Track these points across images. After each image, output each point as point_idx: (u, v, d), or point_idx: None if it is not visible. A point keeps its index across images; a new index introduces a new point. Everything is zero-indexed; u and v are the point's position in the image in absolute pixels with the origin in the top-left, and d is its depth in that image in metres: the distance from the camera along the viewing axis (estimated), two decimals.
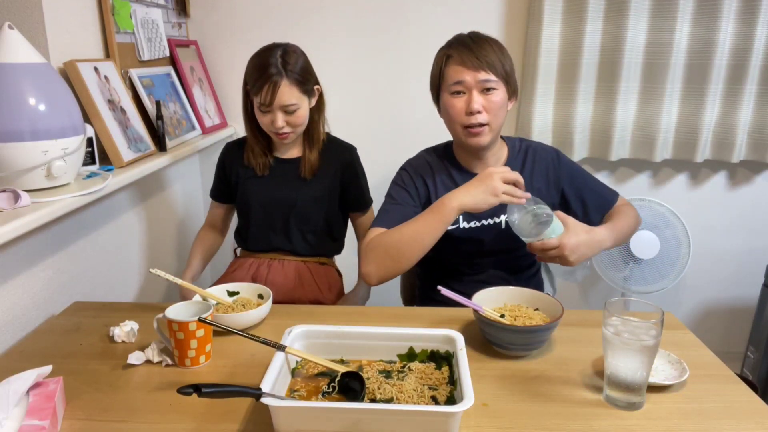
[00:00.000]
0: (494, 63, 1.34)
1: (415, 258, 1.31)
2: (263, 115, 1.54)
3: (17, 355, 1.15)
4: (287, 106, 1.51)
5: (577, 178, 1.51)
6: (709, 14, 2.10)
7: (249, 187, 1.66)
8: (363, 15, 2.24)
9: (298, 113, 1.54)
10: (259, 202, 1.65)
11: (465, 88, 1.35)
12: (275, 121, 1.52)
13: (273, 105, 1.50)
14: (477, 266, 1.49)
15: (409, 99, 2.32)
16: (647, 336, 0.93)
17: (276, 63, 1.49)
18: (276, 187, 1.65)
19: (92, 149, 1.48)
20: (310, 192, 1.64)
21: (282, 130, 1.54)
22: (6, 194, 1.17)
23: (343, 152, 1.69)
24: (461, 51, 1.36)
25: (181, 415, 0.95)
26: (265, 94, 1.49)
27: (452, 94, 1.37)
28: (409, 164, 1.53)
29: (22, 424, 0.85)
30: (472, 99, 1.34)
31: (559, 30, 2.17)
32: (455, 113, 1.37)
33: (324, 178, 1.65)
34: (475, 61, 1.33)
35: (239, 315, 1.22)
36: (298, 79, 1.52)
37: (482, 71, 1.34)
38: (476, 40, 1.38)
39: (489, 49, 1.36)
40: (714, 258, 2.45)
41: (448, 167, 1.49)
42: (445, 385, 0.99)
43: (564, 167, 1.50)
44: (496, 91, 1.35)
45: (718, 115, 2.24)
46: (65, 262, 1.43)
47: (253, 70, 1.52)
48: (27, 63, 1.20)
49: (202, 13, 2.26)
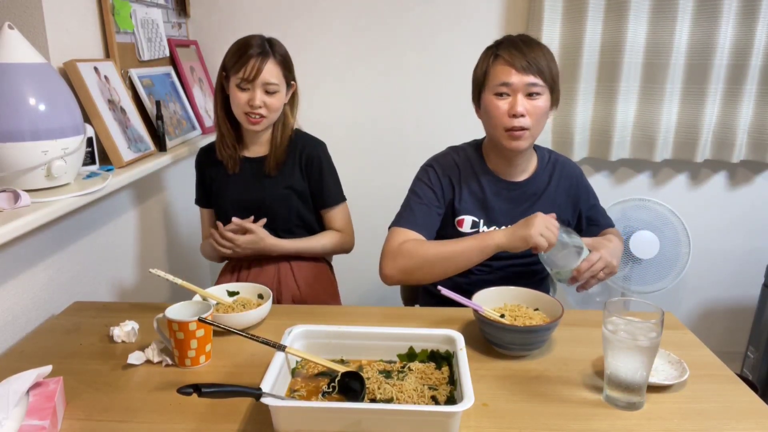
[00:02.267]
0: (543, 68, 1.32)
1: (444, 277, 1.34)
2: (241, 92, 1.52)
3: (17, 355, 1.15)
4: (269, 84, 1.51)
5: (591, 198, 1.54)
6: (709, 14, 2.10)
7: (221, 187, 1.65)
8: (362, 14, 2.24)
9: (276, 96, 1.54)
10: (232, 203, 1.64)
11: (510, 90, 1.32)
12: (253, 99, 1.50)
13: (256, 80, 1.49)
14: (486, 270, 1.45)
15: (410, 99, 2.32)
16: (647, 336, 0.93)
17: (262, 43, 1.52)
18: (245, 186, 1.64)
19: (92, 149, 1.48)
20: (275, 189, 1.62)
21: (258, 110, 1.52)
22: (6, 194, 1.17)
23: (309, 146, 1.65)
24: (511, 51, 1.33)
25: (181, 415, 0.95)
26: (251, 69, 1.49)
27: (496, 95, 1.34)
28: (437, 161, 1.49)
29: (22, 424, 0.85)
30: (517, 101, 1.31)
31: (559, 30, 2.17)
32: (498, 114, 1.34)
33: (289, 174, 1.63)
34: (524, 63, 1.30)
35: (239, 315, 1.21)
36: (282, 62, 1.54)
37: (530, 75, 1.31)
38: (527, 42, 1.35)
39: (539, 53, 1.33)
40: (714, 258, 2.45)
41: (477, 172, 1.45)
42: (445, 385, 0.99)
43: (583, 187, 1.52)
44: (541, 97, 1.33)
45: (718, 115, 2.24)
46: (65, 262, 1.43)
47: (237, 50, 1.52)
48: (27, 63, 1.21)
49: (202, 13, 2.26)
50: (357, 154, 2.34)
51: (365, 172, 2.36)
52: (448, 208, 1.45)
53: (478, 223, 1.43)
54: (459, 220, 1.44)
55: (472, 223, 1.43)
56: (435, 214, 1.42)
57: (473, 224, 1.43)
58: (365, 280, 2.10)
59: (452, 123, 2.29)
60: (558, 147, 2.26)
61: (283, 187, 1.62)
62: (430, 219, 1.41)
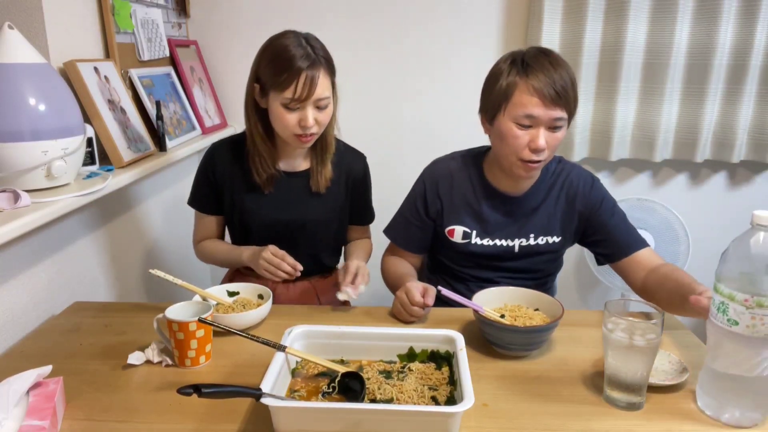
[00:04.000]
0: (570, 99, 1.25)
1: None
2: (290, 113, 1.30)
3: (17, 355, 1.15)
4: (321, 100, 1.31)
5: (607, 210, 1.40)
6: (709, 14, 2.10)
7: (248, 204, 1.45)
8: (363, 14, 2.24)
9: (327, 110, 1.35)
10: (262, 223, 1.46)
11: (534, 123, 1.25)
12: (305, 119, 1.30)
13: (309, 100, 1.29)
14: (486, 279, 1.45)
15: (409, 99, 2.32)
16: (647, 336, 0.93)
17: (307, 50, 1.28)
18: (282, 206, 1.45)
19: (92, 149, 1.48)
20: (320, 210, 1.47)
21: (311, 130, 1.33)
22: (6, 194, 1.17)
23: (355, 161, 1.52)
24: (540, 79, 1.22)
25: (181, 415, 0.95)
26: (303, 87, 1.26)
27: (518, 124, 1.26)
28: (430, 171, 1.48)
29: (22, 424, 0.85)
30: (539, 136, 1.24)
31: (559, 30, 2.17)
32: (517, 145, 1.27)
33: (335, 193, 1.49)
34: (553, 94, 1.22)
35: (239, 315, 1.21)
36: (329, 68, 1.33)
37: (558, 109, 1.23)
38: (555, 63, 1.25)
39: (566, 75, 1.24)
40: (714, 258, 2.43)
41: (474, 183, 1.43)
42: (445, 386, 0.99)
43: (596, 196, 1.41)
44: (562, 129, 1.27)
45: (718, 115, 2.24)
46: (65, 262, 1.43)
47: (278, 60, 1.28)
48: (27, 63, 1.20)
49: (202, 13, 2.26)
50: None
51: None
52: (436, 218, 1.46)
53: (470, 234, 1.42)
54: (449, 230, 1.44)
55: (464, 233, 1.43)
56: (414, 228, 1.49)
57: (465, 234, 1.43)
58: None
59: (452, 123, 2.29)
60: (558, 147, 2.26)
61: (329, 207, 1.49)
62: (407, 234, 1.50)
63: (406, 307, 1.25)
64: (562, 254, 1.50)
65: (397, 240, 1.53)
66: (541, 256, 1.44)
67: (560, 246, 1.44)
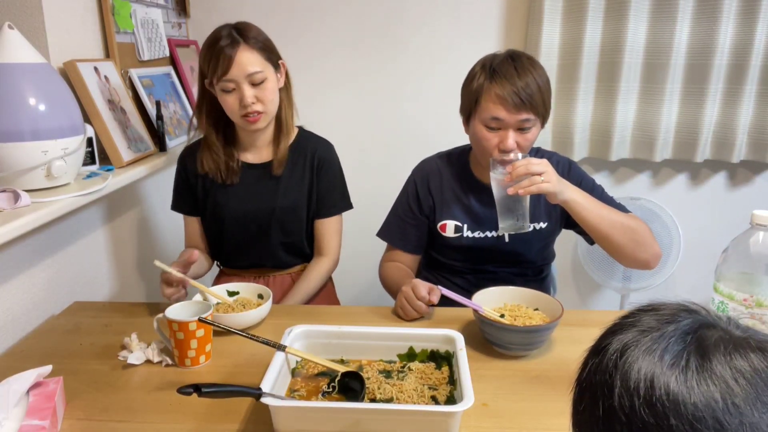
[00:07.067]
0: (536, 102, 1.27)
1: None
2: (228, 95, 1.36)
3: (17, 355, 1.15)
4: (252, 74, 1.34)
5: (585, 188, 1.39)
6: (709, 14, 2.10)
7: (218, 199, 1.49)
8: (363, 14, 2.24)
9: (266, 85, 1.37)
10: (232, 216, 1.49)
11: (502, 125, 1.29)
12: (243, 97, 1.34)
13: (235, 74, 1.33)
14: (482, 271, 1.49)
15: (409, 99, 2.32)
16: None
17: (229, 33, 1.36)
18: (248, 197, 1.48)
19: (92, 149, 1.48)
20: (287, 196, 1.49)
21: (252, 107, 1.35)
22: (6, 194, 1.17)
23: (319, 145, 1.53)
24: (503, 85, 1.26)
25: (181, 415, 0.95)
26: (223, 62, 1.32)
27: (486, 127, 1.31)
28: (419, 169, 1.52)
29: (22, 424, 0.85)
30: (508, 137, 1.28)
31: (559, 30, 2.17)
32: (488, 146, 1.31)
33: (299, 177, 1.50)
34: (516, 100, 1.25)
35: (239, 315, 1.22)
36: (258, 45, 1.37)
37: (523, 112, 1.26)
38: (521, 68, 1.28)
39: (532, 82, 1.27)
40: (714, 258, 2.44)
41: (461, 179, 1.47)
42: (445, 385, 0.99)
43: (574, 178, 1.41)
44: (532, 129, 1.30)
45: (718, 115, 2.24)
46: (65, 262, 1.43)
47: (206, 49, 1.37)
48: (27, 63, 1.20)
49: (202, 13, 2.26)
50: (355, 155, 2.33)
51: (362, 173, 2.35)
52: (429, 215, 1.48)
53: (462, 227, 1.45)
54: (441, 225, 1.46)
55: (455, 227, 1.45)
56: (409, 226, 1.50)
57: (456, 228, 1.45)
58: (362, 280, 2.11)
59: (451, 123, 2.28)
60: (558, 147, 2.26)
61: (295, 194, 1.49)
62: (403, 233, 1.51)
63: (411, 301, 1.25)
64: (552, 241, 1.53)
65: (393, 241, 1.53)
66: (532, 244, 1.46)
67: (550, 232, 1.47)
